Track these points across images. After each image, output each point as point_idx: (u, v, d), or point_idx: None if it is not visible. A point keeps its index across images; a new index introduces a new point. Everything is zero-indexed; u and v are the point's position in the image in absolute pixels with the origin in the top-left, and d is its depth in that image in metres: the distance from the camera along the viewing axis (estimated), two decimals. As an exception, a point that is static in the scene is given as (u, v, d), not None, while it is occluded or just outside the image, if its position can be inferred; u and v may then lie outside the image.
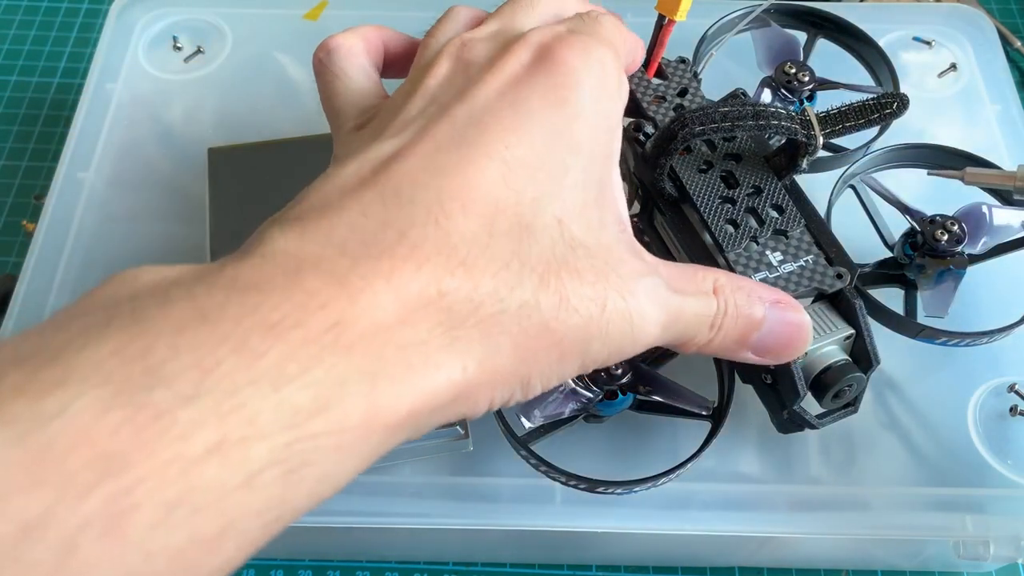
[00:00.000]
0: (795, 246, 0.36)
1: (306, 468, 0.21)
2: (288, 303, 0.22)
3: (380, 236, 0.24)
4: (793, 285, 0.35)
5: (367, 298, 0.23)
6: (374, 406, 0.22)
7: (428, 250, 0.24)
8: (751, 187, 0.37)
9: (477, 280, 0.24)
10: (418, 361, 0.23)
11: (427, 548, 0.44)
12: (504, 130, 0.26)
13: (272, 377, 0.20)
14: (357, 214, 0.24)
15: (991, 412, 0.41)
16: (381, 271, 0.23)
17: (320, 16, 0.55)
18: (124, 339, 0.20)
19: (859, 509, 0.39)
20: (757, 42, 0.47)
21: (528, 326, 0.25)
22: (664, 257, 0.41)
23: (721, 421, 0.36)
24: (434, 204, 0.25)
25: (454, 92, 0.28)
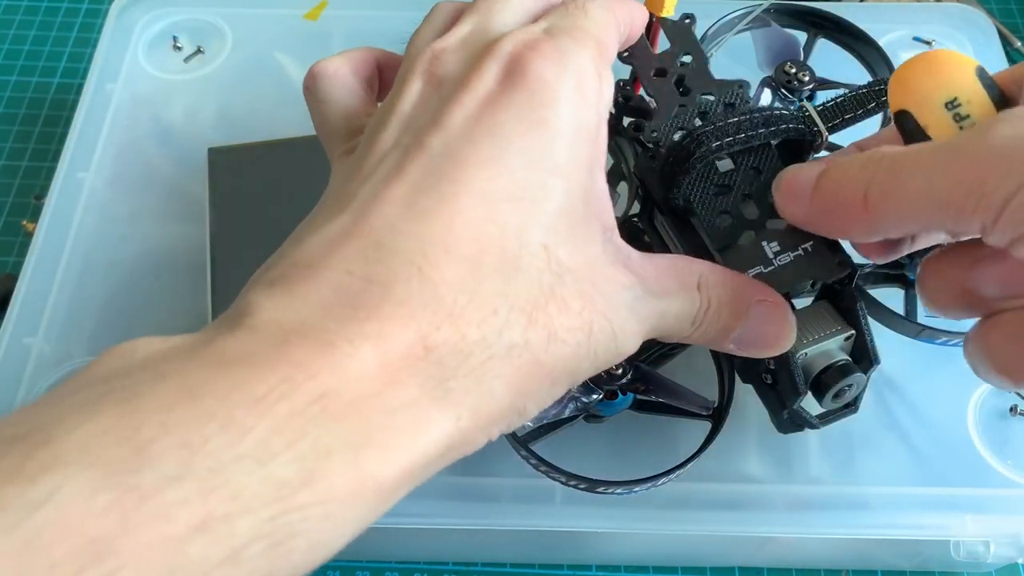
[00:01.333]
0: (793, 234, 0.34)
1: (293, 539, 0.21)
2: (274, 376, 0.22)
3: (365, 295, 0.24)
4: (791, 276, 0.34)
5: (354, 365, 0.23)
6: (361, 474, 0.22)
7: (413, 305, 0.24)
8: (749, 170, 0.35)
9: (464, 330, 0.24)
10: (407, 423, 0.23)
11: (427, 548, 0.44)
12: (482, 161, 0.25)
13: (257, 453, 0.21)
14: (342, 272, 0.24)
15: (991, 412, 0.41)
16: (367, 334, 0.23)
17: (320, 16, 0.55)
18: (115, 418, 0.20)
19: (859, 509, 0.39)
20: (757, 42, 0.47)
21: (520, 365, 0.25)
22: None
23: (721, 421, 0.36)
24: (416, 254, 0.24)
25: (428, 117, 0.27)
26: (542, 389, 0.26)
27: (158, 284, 0.45)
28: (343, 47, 0.54)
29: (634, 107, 0.43)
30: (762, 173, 0.35)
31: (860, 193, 0.27)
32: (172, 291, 0.44)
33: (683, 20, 0.40)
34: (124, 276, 0.45)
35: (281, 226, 0.44)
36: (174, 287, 0.44)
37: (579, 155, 0.27)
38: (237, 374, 0.22)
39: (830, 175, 0.29)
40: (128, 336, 0.44)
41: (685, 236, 0.38)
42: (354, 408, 0.22)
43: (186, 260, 0.45)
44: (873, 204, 0.27)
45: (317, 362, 0.22)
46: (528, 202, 0.26)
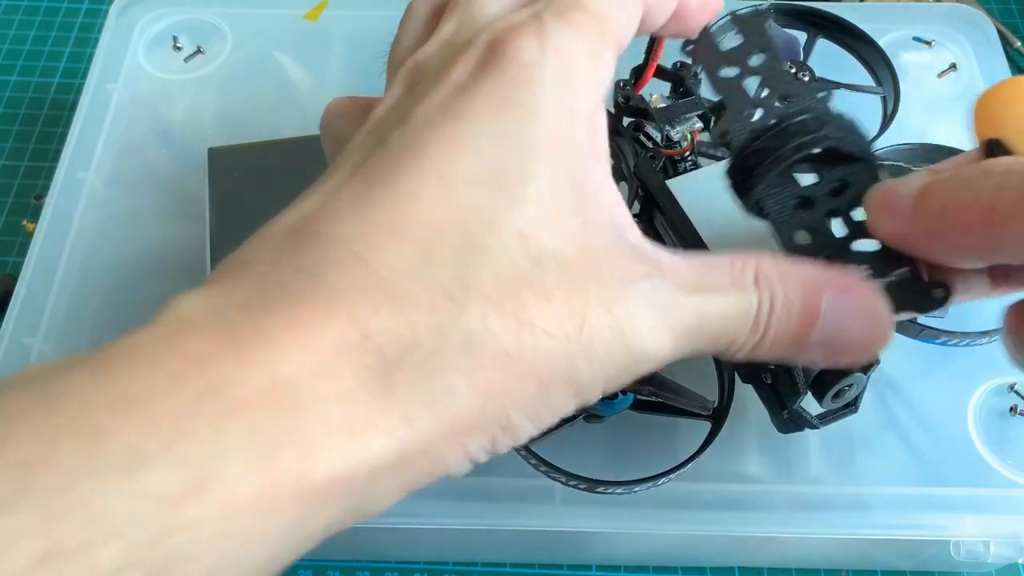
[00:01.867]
0: (886, 258, 0.29)
1: (182, 565, 0.18)
2: (158, 373, 0.19)
3: (291, 285, 0.21)
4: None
5: (264, 353, 0.20)
6: (274, 478, 0.19)
7: (348, 290, 0.21)
8: (835, 183, 0.30)
9: (410, 315, 0.21)
10: (340, 419, 0.20)
11: (427, 548, 0.44)
12: (440, 143, 0.23)
13: (122, 462, 0.17)
14: (268, 264, 0.22)
15: (991, 412, 0.41)
16: (288, 322, 0.20)
17: (320, 16, 0.55)
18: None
19: (859, 509, 0.39)
20: (757, 42, 0.47)
21: (482, 358, 0.21)
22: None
23: (721, 421, 0.36)
24: (357, 240, 0.21)
25: (396, 118, 0.25)
26: (525, 393, 0.22)
27: (158, 284, 0.45)
28: (343, 47, 0.55)
29: (634, 107, 0.43)
30: (850, 186, 0.30)
31: (985, 207, 0.24)
32: (172, 291, 0.44)
33: (756, 15, 0.34)
34: (124, 276, 0.45)
35: (281, 226, 0.44)
36: (174, 287, 0.44)
37: (566, 141, 0.24)
38: (111, 374, 0.19)
39: (942, 187, 0.25)
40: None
41: (686, 237, 0.39)
42: (266, 402, 0.19)
43: (186, 260, 0.45)
44: (1002, 220, 0.24)
45: (216, 353, 0.19)
46: (499, 186, 0.23)
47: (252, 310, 0.20)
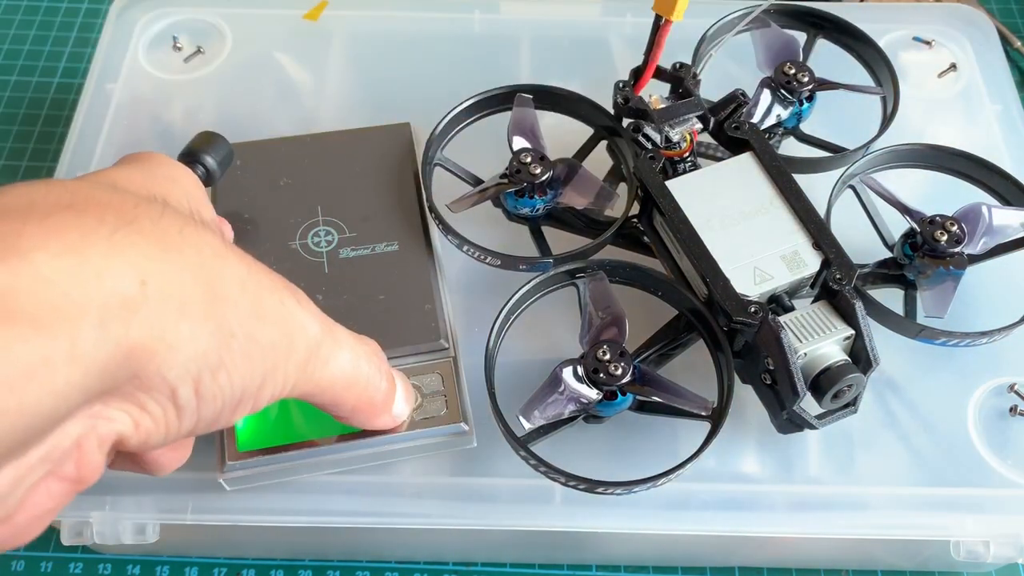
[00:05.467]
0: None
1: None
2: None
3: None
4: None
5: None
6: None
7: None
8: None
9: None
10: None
11: (427, 548, 0.44)
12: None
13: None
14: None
15: (991, 412, 0.41)
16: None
17: (320, 16, 0.55)
18: None
19: (859, 509, 0.39)
20: (757, 42, 0.47)
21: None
22: (664, 257, 0.42)
23: (721, 421, 0.36)
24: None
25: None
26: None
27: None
28: (343, 47, 0.55)
29: (633, 108, 0.43)
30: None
31: None
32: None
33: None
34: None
35: (280, 225, 0.44)
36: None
37: None
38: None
39: None
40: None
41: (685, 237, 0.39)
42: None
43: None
44: None
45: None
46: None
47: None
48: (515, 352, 0.41)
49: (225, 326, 0.25)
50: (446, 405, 0.38)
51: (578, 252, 0.41)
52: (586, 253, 0.41)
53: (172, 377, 0.24)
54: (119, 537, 0.38)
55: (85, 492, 0.38)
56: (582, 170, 0.42)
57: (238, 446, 0.37)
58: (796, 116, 0.45)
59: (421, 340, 0.40)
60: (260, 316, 0.26)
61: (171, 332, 0.23)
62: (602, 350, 0.36)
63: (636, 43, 0.46)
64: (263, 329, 0.26)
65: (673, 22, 0.42)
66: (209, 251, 0.25)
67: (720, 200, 0.40)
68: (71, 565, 0.44)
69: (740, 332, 0.37)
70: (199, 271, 0.24)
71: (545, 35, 0.55)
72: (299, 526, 0.38)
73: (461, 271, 0.44)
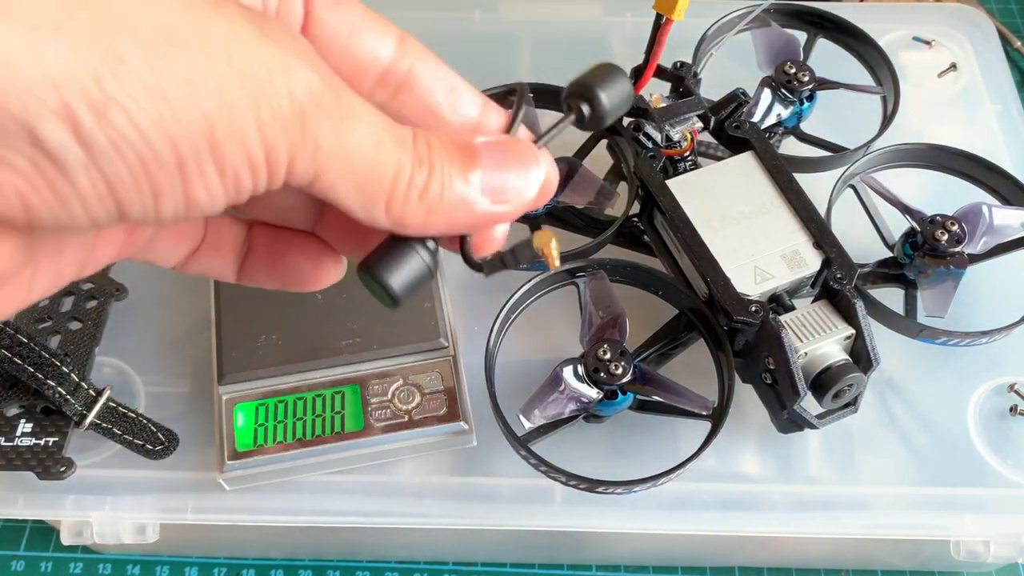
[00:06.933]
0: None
1: None
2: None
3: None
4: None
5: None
6: None
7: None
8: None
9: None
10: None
11: (427, 548, 0.44)
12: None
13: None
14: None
15: (991, 412, 0.41)
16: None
17: (320, 16, 0.55)
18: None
19: (859, 509, 0.39)
20: (757, 42, 0.47)
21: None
22: (665, 256, 0.42)
23: (721, 421, 0.36)
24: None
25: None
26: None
27: (159, 284, 0.45)
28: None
29: (634, 107, 0.43)
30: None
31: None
32: (173, 290, 0.44)
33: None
34: (124, 275, 0.44)
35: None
36: (175, 287, 0.44)
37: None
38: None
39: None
40: (131, 336, 0.44)
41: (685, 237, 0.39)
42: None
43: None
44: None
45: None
46: None
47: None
48: (515, 351, 0.41)
49: (110, 48, 0.18)
50: (446, 404, 0.38)
51: (578, 251, 0.41)
52: (586, 252, 0.41)
53: (22, 112, 0.18)
54: (119, 537, 0.38)
55: (85, 492, 0.39)
56: (583, 169, 0.42)
57: (238, 446, 0.37)
58: (796, 115, 0.45)
59: (421, 339, 0.40)
60: (181, 44, 0.19)
61: (17, 50, 0.18)
62: (602, 349, 0.36)
63: (636, 42, 0.46)
64: (188, 59, 0.19)
65: (674, 21, 0.42)
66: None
67: (721, 199, 0.40)
68: (71, 565, 0.44)
69: (741, 331, 0.37)
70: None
71: (545, 35, 0.55)
72: (299, 526, 0.38)
73: (461, 270, 0.43)
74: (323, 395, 0.39)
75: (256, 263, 0.27)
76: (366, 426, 0.38)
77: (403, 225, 0.24)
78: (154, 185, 0.19)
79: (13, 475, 0.38)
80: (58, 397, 0.38)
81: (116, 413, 0.39)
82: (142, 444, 0.39)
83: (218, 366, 0.39)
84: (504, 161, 0.25)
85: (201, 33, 0.19)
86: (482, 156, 0.24)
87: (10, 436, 0.38)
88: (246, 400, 0.38)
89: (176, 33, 0.19)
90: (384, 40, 0.25)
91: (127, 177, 0.19)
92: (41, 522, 0.46)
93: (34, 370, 0.38)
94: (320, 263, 0.27)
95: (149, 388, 0.41)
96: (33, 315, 0.42)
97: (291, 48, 0.21)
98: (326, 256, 0.27)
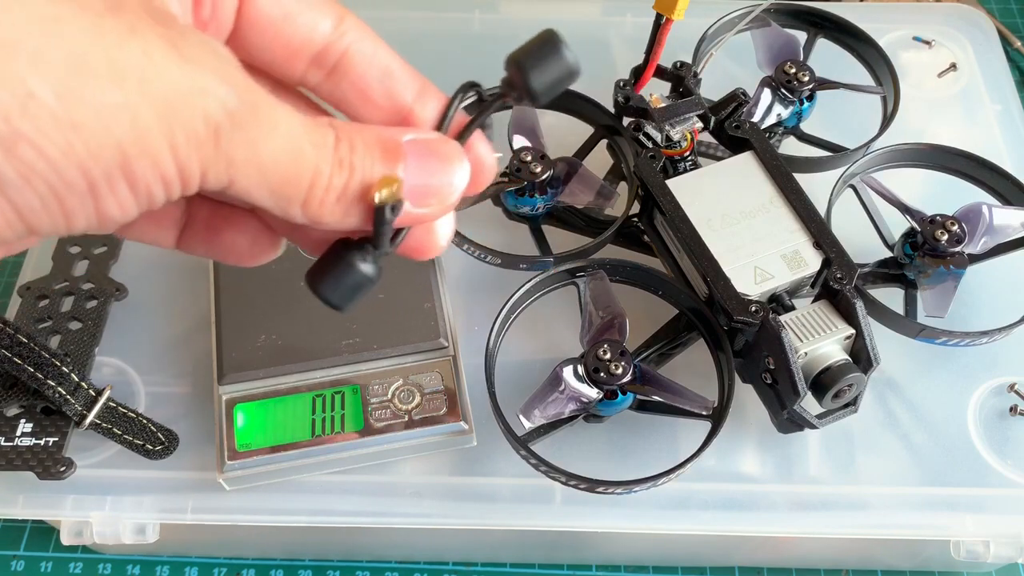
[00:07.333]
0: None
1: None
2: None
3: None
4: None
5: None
6: None
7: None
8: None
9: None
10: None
11: (427, 548, 0.44)
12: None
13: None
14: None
15: (991, 412, 0.41)
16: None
17: (320, 16, 0.55)
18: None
19: (859, 509, 0.39)
20: (757, 42, 0.47)
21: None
22: (665, 256, 0.42)
23: (721, 421, 0.36)
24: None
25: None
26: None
27: (159, 284, 0.45)
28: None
29: (634, 107, 0.43)
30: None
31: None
32: (173, 290, 0.44)
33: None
34: (125, 276, 0.44)
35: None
36: (175, 286, 0.44)
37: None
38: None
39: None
40: (131, 336, 0.44)
41: (685, 236, 0.39)
42: None
43: (187, 259, 0.45)
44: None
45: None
46: None
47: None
48: (515, 351, 0.41)
49: (20, 84, 0.19)
50: (446, 404, 0.38)
51: (578, 251, 0.41)
52: (586, 252, 0.41)
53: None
54: (119, 537, 0.38)
55: (85, 492, 0.39)
56: (582, 169, 0.42)
57: (238, 446, 0.37)
58: (796, 115, 0.45)
59: (421, 339, 0.40)
60: (93, 73, 0.19)
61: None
62: (602, 349, 0.36)
63: (636, 42, 0.46)
64: (99, 88, 0.19)
65: (674, 21, 0.42)
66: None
67: (721, 199, 0.40)
68: (71, 565, 0.44)
69: (741, 331, 0.37)
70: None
71: (545, 35, 0.55)
72: (299, 526, 0.38)
73: (461, 270, 0.44)
74: (323, 395, 0.39)
75: (194, 236, 0.27)
76: (366, 426, 0.38)
77: (319, 223, 0.24)
78: (65, 208, 0.20)
79: (13, 475, 0.38)
80: (58, 397, 0.38)
81: (116, 413, 0.39)
82: (142, 444, 0.39)
83: (218, 366, 0.39)
84: (428, 164, 0.25)
85: (113, 61, 0.20)
86: (407, 156, 0.25)
87: (10, 436, 0.38)
88: (246, 400, 0.38)
89: (87, 63, 0.19)
90: (321, 20, 0.26)
91: (37, 204, 0.20)
92: (41, 522, 0.46)
93: (34, 370, 0.38)
94: (257, 241, 0.28)
95: (149, 388, 0.41)
96: (33, 315, 0.42)
97: (208, 66, 0.21)
98: (263, 235, 0.28)
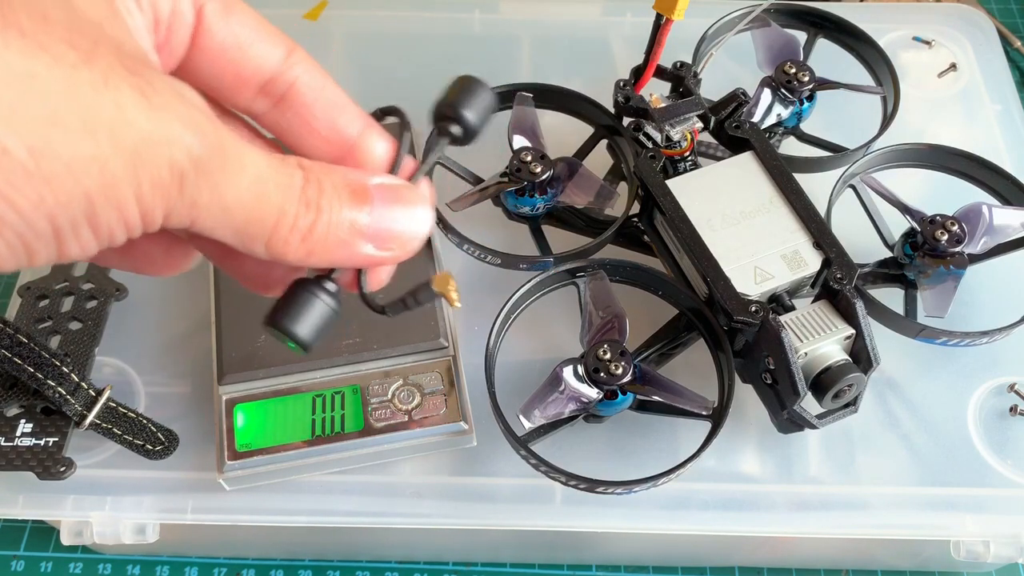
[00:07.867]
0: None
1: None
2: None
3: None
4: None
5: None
6: None
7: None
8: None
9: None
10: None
11: (427, 548, 0.44)
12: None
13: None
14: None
15: (991, 412, 0.41)
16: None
17: (320, 16, 0.55)
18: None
19: (859, 509, 0.39)
20: (757, 42, 0.47)
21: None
22: (665, 256, 0.42)
23: (721, 421, 0.36)
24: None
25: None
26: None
27: (159, 284, 0.45)
28: (343, 47, 0.55)
29: (634, 107, 0.43)
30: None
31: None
32: (173, 290, 0.44)
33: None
34: (124, 276, 0.44)
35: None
36: (175, 286, 0.44)
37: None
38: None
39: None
40: (131, 336, 0.44)
41: (685, 236, 0.39)
42: None
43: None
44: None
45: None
46: None
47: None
48: (515, 351, 0.41)
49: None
50: (446, 404, 0.38)
51: (578, 251, 0.41)
52: (586, 252, 0.41)
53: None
54: (119, 537, 0.38)
55: (85, 492, 0.39)
56: (582, 169, 0.42)
57: (238, 446, 0.37)
58: (796, 115, 0.45)
59: (421, 339, 0.40)
60: (65, 127, 0.20)
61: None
62: (602, 349, 0.36)
63: (636, 42, 0.46)
64: (71, 141, 0.20)
65: (674, 21, 0.42)
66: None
67: (721, 199, 0.40)
68: (71, 565, 0.44)
69: (741, 331, 0.37)
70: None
71: (545, 35, 0.55)
72: (299, 526, 0.38)
73: (461, 270, 0.44)
74: (323, 395, 0.39)
75: (109, 250, 0.27)
76: (366, 426, 0.38)
77: (283, 260, 0.25)
78: (30, 251, 0.21)
79: (13, 475, 0.38)
80: (58, 397, 0.38)
81: (116, 413, 0.39)
82: (142, 444, 0.39)
83: (218, 366, 0.39)
84: (393, 210, 0.26)
85: (86, 114, 0.20)
86: (374, 200, 0.25)
87: (10, 436, 0.38)
88: (246, 400, 0.38)
89: (61, 118, 0.20)
90: (273, 51, 0.27)
91: (3, 249, 0.20)
92: (41, 522, 0.46)
93: (34, 370, 0.38)
94: (171, 252, 0.28)
95: (149, 388, 0.41)
96: (33, 315, 0.42)
97: (176, 113, 0.22)
98: (176, 247, 0.28)
